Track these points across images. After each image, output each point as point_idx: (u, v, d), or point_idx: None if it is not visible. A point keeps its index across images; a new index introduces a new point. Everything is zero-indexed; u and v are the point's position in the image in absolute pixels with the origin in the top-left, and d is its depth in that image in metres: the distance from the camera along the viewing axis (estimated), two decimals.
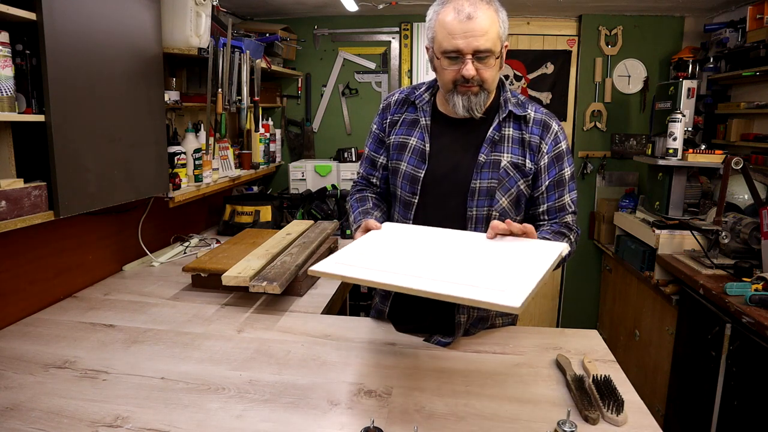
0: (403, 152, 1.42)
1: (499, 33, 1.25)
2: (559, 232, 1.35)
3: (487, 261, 1.10)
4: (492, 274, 1.04)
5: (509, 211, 1.37)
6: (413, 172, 1.40)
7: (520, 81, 3.48)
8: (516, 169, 1.36)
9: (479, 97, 1.30)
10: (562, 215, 1.40)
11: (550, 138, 1.37)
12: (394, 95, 1.50)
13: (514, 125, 1.38)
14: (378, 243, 1.22)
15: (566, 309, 3.67)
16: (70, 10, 1.45)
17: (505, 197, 1.35)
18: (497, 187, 1.34)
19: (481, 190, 1.35)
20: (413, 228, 1.32)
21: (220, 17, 2.68)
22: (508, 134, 1.37)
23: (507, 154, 1.35)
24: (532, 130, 1.37)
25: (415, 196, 1.40)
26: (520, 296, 0.92)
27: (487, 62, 1.26)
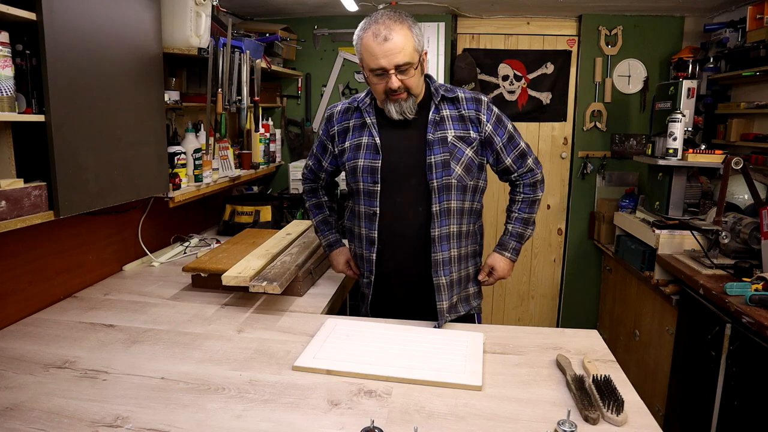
0: (359, 151, 1.63)
1: (414, 46, 1.49)
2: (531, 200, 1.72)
3: (435, 352, 1.39)
4: (447, 362, 1.33)
5: (464, 177, 1.59)
6: (370, 164, 1.60)
7: (520, 81, 3.48)
8: (461, 141, 1.59)
9: (408, 102, 1.55)
10: (524, 161, 1.68)
11: (485, 108, 1.61)
12: (336, 106, 1.75)
13: (449, 106, 1.61)
14: (344, 339, 1.46)
15: (566, 309, 3.67)
16: (70, 10, 1.45)
17: (458, 166, 1.57)
18: (449, 158, 1.56)
19: (437, 164, 1.55)
20: (363, 323, 1.59)
21: (220, 17, 2.68)
22: (447, 114, 1.61)
23: (450, 130, 1.59)
24: (467, 106, 1.61)
25: (376, 184, 1.59)
26: (478, 377, 1.25)
27: (408, 72, 1.50)
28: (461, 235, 1.62)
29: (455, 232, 1.60)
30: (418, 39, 1.51)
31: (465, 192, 1.60)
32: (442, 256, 1.57)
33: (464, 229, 1.63)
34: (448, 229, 1.58)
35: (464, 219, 1.62)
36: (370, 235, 1.62)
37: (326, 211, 1.87)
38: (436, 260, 1.57)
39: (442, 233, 1.57)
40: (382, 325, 1.56)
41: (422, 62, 1.54)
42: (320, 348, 1.41)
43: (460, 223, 1.61)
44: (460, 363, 1.32)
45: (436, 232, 1.56)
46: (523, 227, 1.72)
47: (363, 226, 1.64)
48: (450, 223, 1.58)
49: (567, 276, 3.63)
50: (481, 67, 3.47)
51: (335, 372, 1.29)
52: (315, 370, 1.31)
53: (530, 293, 3.75)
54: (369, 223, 1.62)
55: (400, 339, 1.47)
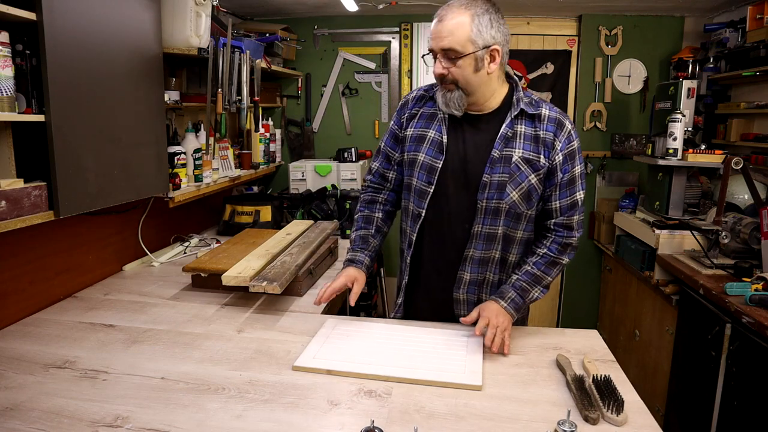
0: (422, 144, 1.49)
1: (469, 36, 1.33)
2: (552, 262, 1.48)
3: (435, 352, 1.38)
4: (447, 362, 1.32)
5: (519, 204, 1.44)
6: (431, 163, 1.47)
7: (520, 81, 3.48)
8: (527, 163, 1.42)
9: (454, 94, 1.40)
10: (571, 214, 1.47)
11: (564, 136, 1.43)
12: (413, 93, 1.59)
13: (527, 123, 1.44)
14: (344, 339, 1.46)
15: (566, 309, 3.67)
16: (70, 10, 1.45)
17: (515, 191, 1.42)
18: (508, 181, 1.41)
19: (492, 184, 1.42)
20: (363, 323, 1.58)
21: (220, 17, 2.68)
22: (521, 131, 1.43)
23: (519, 150, 1.42)
24: (546, 127, 1.43)
25: (431, 185, 1.47)
26: (478, 377, 1.25)
27: (456, 62, 1.35)
28: (506, 263, 1.52)
29: (498, 258, 1.49)
30: (479, 29, 1.33)
31: (519, 220, 1.46)
32: (469, 276, 1.50)
33: (514, 259, 1.52)
34: (490, 254, 1.48)
35: (515, 248, 1.50)
36: (411, 236, 1.54)
37: (372, 229, 1.62)
38: (461, 278, 1.51)
39: (478, 256, 1.47)
40: (382, 325, 1.57)
41: (480, 58, 1.35)
42: (320, 348, 1.41)
43: (507, 251, 1.50)
44: (460, 363, 1.32)
45: (470, 252, 1.47)
46: (531, 284, 1.46)
47: (408, 225, 1.56)
48: (493, 248, 1.48)
49: (567, 276, 3.63)
50: None
51: (335, 372, 1.29)
52: (315, 370, 1.31)
53: None
54: (413, 224, 1.53)
55: (401, 339, 1.47)
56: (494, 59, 1.38)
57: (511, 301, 1.45)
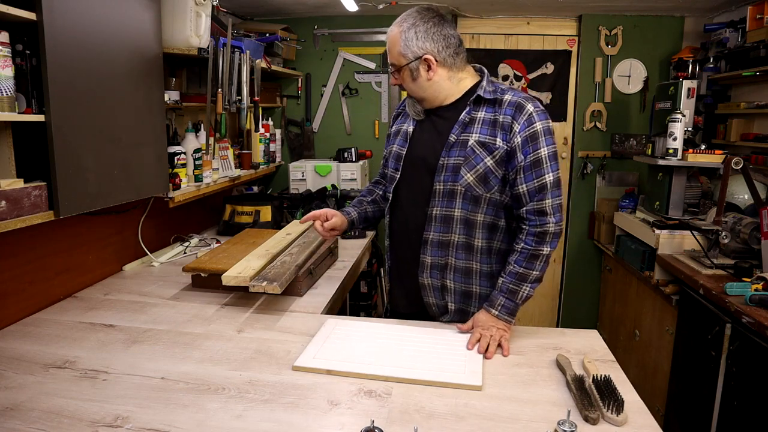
0: (397, 136, 1.63)
1: (400, 50, 1.46)
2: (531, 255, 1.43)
3: (435, 352, 1.39)
4: (447, 362, 1.32)
5: (475, 186, 1.47)
6: (398, 151, 1.59)
7: (520, 81, 3.48)
8: (482, 147, 1.45)
9: (410, 100, 1.56)
10: (541, 197, 1.43)
11: (523, 118, 1.43)
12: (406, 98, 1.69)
13: (487, 109, 1.48)
14: (344, 339, 1.47)
15: (566, 309, 3.67)
16: (70, 10, 1.45)
17: (470, 173, 1.46)
18: (463, 164, 1.46)
19: (448, 167, 1.48)
20: (363, 323, 1.59)
21: (220, 17, 2.68)
22: (480, 117, 1.48)
23: (476, 134, 1.47)
24: (505, 111, 1.46)
25: (397, 172, 1.58)
26: (478, 377, 1.25)
27: (396, 74, 1.51)
28: (473, 249, 1.51)
29: (461, 243, 1.51)
30: (406, 44, 1.44)
31: (477, 203, 1.48)
32: (430, 260, 1.53)
33: (480, 245, 1.51)
34: (449, 237, 1.50)
35: (478, 232, 1.50)
36: (387, 222, 1.66)
37: (369, 198, 1.79)
38: (423, 262, 1.54)
39: (436, 239, 1.51)
40: (382, 325, 1.57)
41: (412, 69, 1.46)
42: (320, 348, 1.41)
43: (470, 235, 1.50)
44: (460, 363, 1.32)
45: (429, 235, 1.52)
46: (518, 283, 1.44)
47: (387, 212, 1.66)
48: (451, 231, 1.50)
49: (567, 276, 3.63)
50: None
51: (335, 372, 1.29)
52: (315, 370, 1.31)
53: None
54: (388, 210, 1.64)
55: (400, 339, 1.47)
56: (430, 67, 1.46)
57: (502, 307, 1.44)
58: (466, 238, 1.51)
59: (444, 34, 1.45)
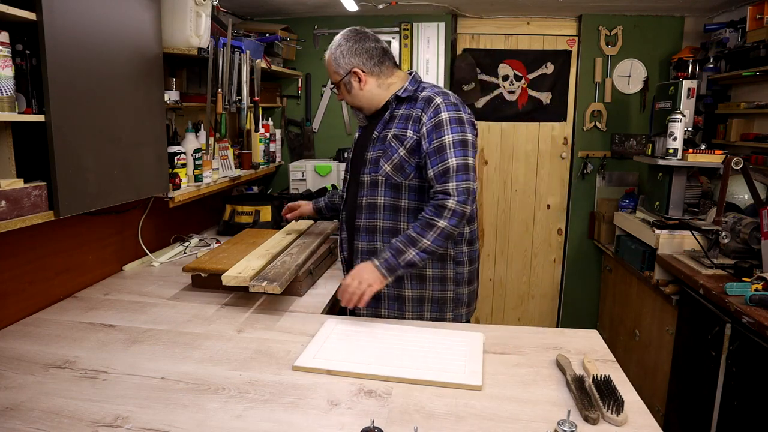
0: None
1: (333, 69, 1.68)
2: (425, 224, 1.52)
3: (435, 352, 1.39)
4: (447, 362, 1.33)
5: (392, 175, 1.64)
6: (348, 156, 1.84)
7: (520, 81, 3.48)
8: (396, 139, 1.62)
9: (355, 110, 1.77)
10: (445, 180, 1.52)
11: (431, 109, 1.58)
12: None
13: (406, 106, 1.66)
14: (344, 339, 1.48)
15: (566, 309, 3.67)
16: (70, 10, 1.45)
17: (387, 164, 1.63)
18: (381, 156, 1.64)
19: (371, 160, 1.67)
20: (363, 323, 1.60)
21: (220, 17, 2.68)
22: (399, 114, 1.66)
23: (393, 129, 1.64)
24: (417, 105, 1.62)
25: (347, 173, 1.81)
26: (478, 377, 1.25)
27: (338, 90, 1.73)
28: (399, 233, 1.61)
29: (387, 228, 1.67)
30: (336, 63, 1.66)
31: (398, 190, 1.64)
32: (362, 245, 1.71)
33: (405, 228, 1.63)
34: (375, 222, 1.68)
35: (403, 217, 1.65)
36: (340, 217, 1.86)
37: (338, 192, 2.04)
38: (356, 248, 1.73)
39: (364, 225, 1.69)
40: (382, 325, 1.57)
41: (346, 83, 1.67)
42: (320, 348, 1.41)
43: (395, 220, 1.66)
44: (460, 363, 1.32)
45: (360, 222, 1.70)
46: (407, 245, 1.51)
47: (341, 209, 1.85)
48: (377, 217, 1.67)
49: (567, 276, 3.63)
50: (481, 67, 3.47)
51: (335, 372, 1.29)
52: (315, 370, 1.31)
53: (530, 293, 3.75)
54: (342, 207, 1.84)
55: (400, 339, 1.47)
56: (360, 79, 1.66)
57: (385, 261, 1.53)
58: (392, 223, 1.67)
59: (365, 48, 1.65)
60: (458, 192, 1.50)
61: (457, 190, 1.50)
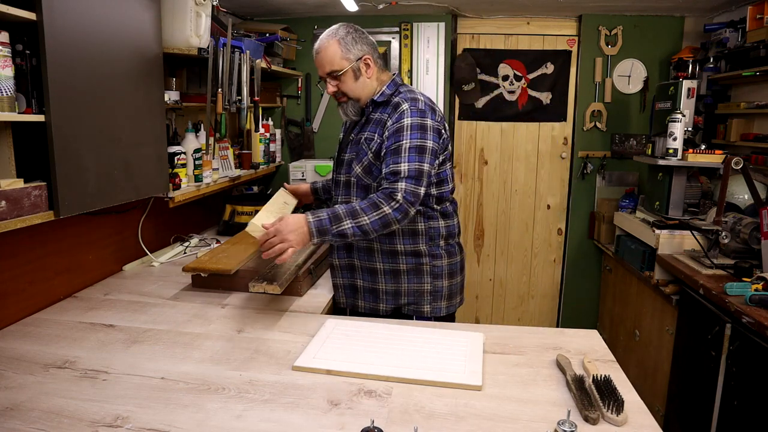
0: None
1: (341, 55, 1.65)
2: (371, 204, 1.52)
3: (435, 352, 1.39)
4: (447, 362, 1.33)
5: (363, 177, 1.70)
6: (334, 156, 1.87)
7: (520, 81, 3.48)
8: (367, 143, 1.68)
9: (348, 105, 1.72)
10: (394, 179, 1.55)
11: (395, 115, 1.63)
12: None
13: (381, 110, 1.70)
14: (344, 339, 1.47)
15: (566, 309, 3.67)
16: (70, 10, 1.45)
17: (358, 166, 1.70)
18: (354, 159, 1.71)
19: (346, 162, 1.74)
20: (363, 323, 1.60)
21: (220, 17, 2.68)
22: (374, 118, 1.70)
23: (366, 133, 1.69)
24: (386, 110, 1.68)
25: (333, 173, 1.85)
26: (478, 377, 1.25)
27: (340, 79, 1.67)
28: None
29: None
30: (347, 48, 1.65)
31: (368, 191, 1.69)
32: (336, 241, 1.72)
33: None
34: None
35: None
36: None
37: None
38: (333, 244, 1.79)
39: None
40: (382, 325, 1.57)
41: (356, 68, 1.66)
42: (320, 348, 1.41)
43: None
44: (460, 363, 1.32)
45: None
46: (346, 215, 1.50)
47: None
48: None
49: (567, 276, 3.63)
50: (481, 67, 3.47)
51: (335, 372, 1.29)
52: (315, 370, 1.31)
53: (530, 293, 3.75)
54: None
55: (400, 339, 1.47)
56: (368, 65, 1.68)
57: (318, 221, 1.49)
58: None
59: (371, 41, 1.71)
60: (406, 193, 1.53)
61: (405, 191, 1.53)
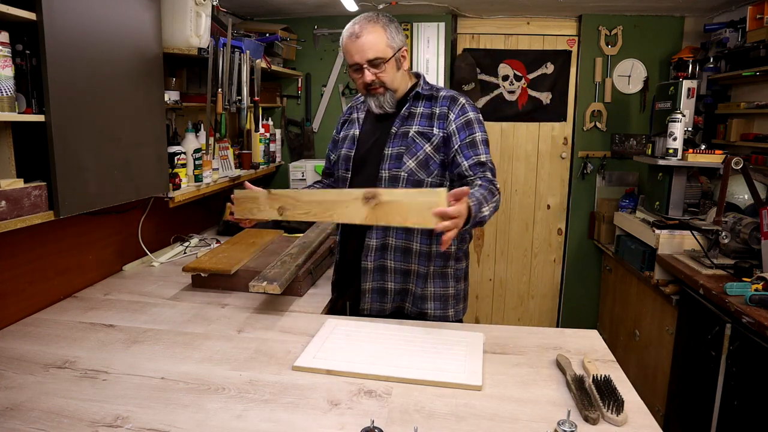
0: (345, 142, 1.77)
1: (387, 42, 1.58)
2: (489, 190, 1.48)
3: (435, 352, 1.38)
4: (447, 362, 1.32)
5: (417, 171, 1.62)
6: (347, 153, 1.74)
7: (520, 81, 3.48)
8: (422, 136, 1.62)
9: (386, 96, 1.63)
10: (484, 170, 1.57)
11: (457, 108, 1.62)
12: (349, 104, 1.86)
13: (425, 104, 1.66)
14: (344, 339, 1.47)
15: (566, 309, 3.67)
16: (70, 10, 1.45)
17: (411, 160, 1.62)
18: (404, 152, 1.62)
19: (391, 156, 1.63)
20: (363, 323, 1.59)
21: (220, 17, 2.68)
22: (419, 111, 1.66)
23: (415, 126, 1.64)
24: (441, 104, 1.64)
25: (348, 172, 1.72)
26: (478, 377, 1.25)
27: (380, 67, 1.59)
28: (410, 230, 1.63)
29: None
30: (392, 36, 1.59)
31: (420, 186, 1.61)
32: (375, 242, 1.65)
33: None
34: None
35: None
36: None
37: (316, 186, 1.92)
38: (368, 245, 1.66)
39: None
40: (382, 325, 1.57)
41: (398, 58, 1.61)
42: (320, 348, 1.41)
43: None
44: (460, 363, 1.32)
45: None
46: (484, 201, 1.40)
47: None
48: None
49: (567, 276, 3.63)
50: (481, 67, 3.47)
51: (335, 372, 1.29)
52: (315, 370, 1.31)
53: (530, 293, 3.75)
54: None
55: (400, 339, 1.47)
56: (404, 57, 1.65)
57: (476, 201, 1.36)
58: None
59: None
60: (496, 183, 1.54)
61: (495, 182, 1.55)
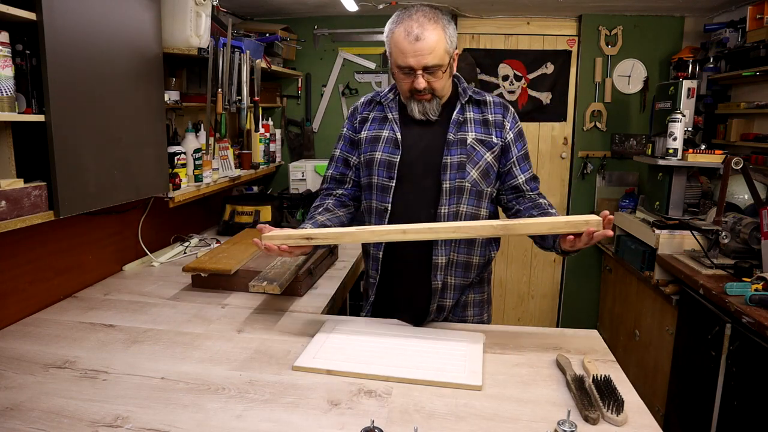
0: (377, 143, 1.56)
1: (446, 48, 1.42)
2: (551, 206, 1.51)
3: (435, 352, 1.38)
4: (447, 362, 1.32)
5: (479, 181, 1.52)
6: (389, 159, 1.52)
7: (520, 81, 3.48)
8: (481, 144, 1.52)
9: (432, 104, 1.49)
10: (536, 184, 1.58)
11: (510, 116, 1.57)
12: (360, 99, 1.68)
13: (475, 109, 1.55)
14: (344, 339, 1.46)
15: (566, 309, 3.67)
16: (70, 10, 1.45)
17: (474, 169, 1.51)
18: (466, 161, 1.50)
19: (453, 165, 1.49)
20: (363, 323, 1.57)
21: (220, 17, 2.68)
22: (471, 116, 1.54)
23: (472, 132, 1.52)
24: (494, 110, 1.55)
25: (392, 180, 1.52)
26: (478, 377, 1.25)
27: (436, 74, 1.44)
28: (472, 243, 1.55)
29: (464, 240, 1.52)
30: (451, 40, 1.44)
31: (480, 198, 1.53)
32: (443, 260, 1.51)
33: (480, 239, 1.56)
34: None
35: None
36: None
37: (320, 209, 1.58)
38: (436, 263, 1.51)
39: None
40: (383, 326, 1.56)
41: (452, 64, 1.47)
42: (320, 348, 1.41)
43: None
44: (460, 363, 1.32)
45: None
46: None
47: (373, 222, 1.57)
48: None
49: (567, 276, 3.63)
50: (481, 67, 3.47)
51: (335, 372, 1.29)
52: (315, 370, 1.31)
53: (530, 293, 3.75)
54: (379, 219, 1.54)
55: (400, 339, 1.46)
56: (455, 60, 1.50)
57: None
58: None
59: None
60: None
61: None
